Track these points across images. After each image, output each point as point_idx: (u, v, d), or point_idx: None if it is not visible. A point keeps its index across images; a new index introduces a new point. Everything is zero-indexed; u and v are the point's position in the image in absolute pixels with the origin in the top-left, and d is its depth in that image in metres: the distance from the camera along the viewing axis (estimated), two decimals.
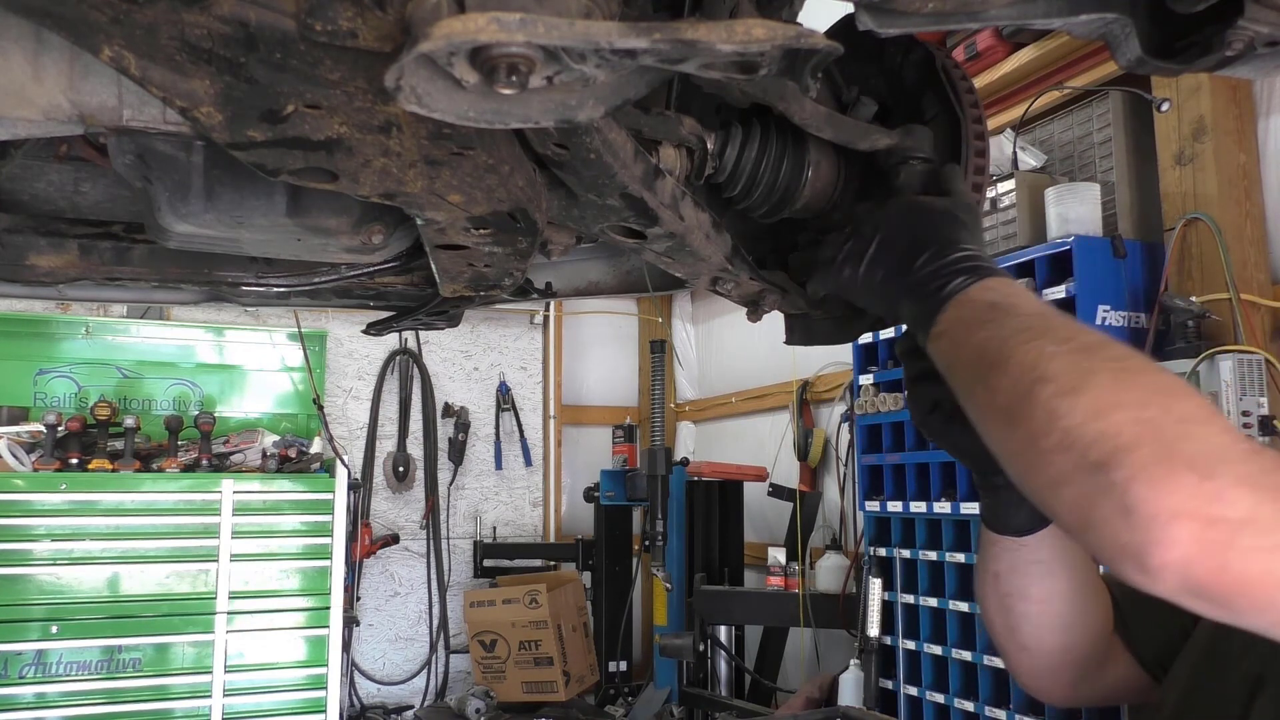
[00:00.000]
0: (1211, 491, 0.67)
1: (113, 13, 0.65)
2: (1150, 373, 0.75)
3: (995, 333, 0.84)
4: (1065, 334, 0.80)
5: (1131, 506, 0.68)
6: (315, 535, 4.23)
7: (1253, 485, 0.68)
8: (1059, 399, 0.74)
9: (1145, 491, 0.68)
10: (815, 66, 0.72)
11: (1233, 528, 0.66)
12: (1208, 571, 0.67)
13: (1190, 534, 0.67)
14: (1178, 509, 0.67)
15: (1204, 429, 0.71)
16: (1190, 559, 0.67)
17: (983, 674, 3.27)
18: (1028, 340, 0.80)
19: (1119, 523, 0.69)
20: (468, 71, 0.62)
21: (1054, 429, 0.74)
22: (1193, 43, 0.91)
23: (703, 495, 4.88)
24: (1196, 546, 0.67)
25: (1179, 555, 0.67)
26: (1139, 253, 3.07)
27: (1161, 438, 0.70)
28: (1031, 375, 0.77)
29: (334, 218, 1.11)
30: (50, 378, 4.62)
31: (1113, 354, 0.77)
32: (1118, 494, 0.69)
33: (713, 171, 1.13)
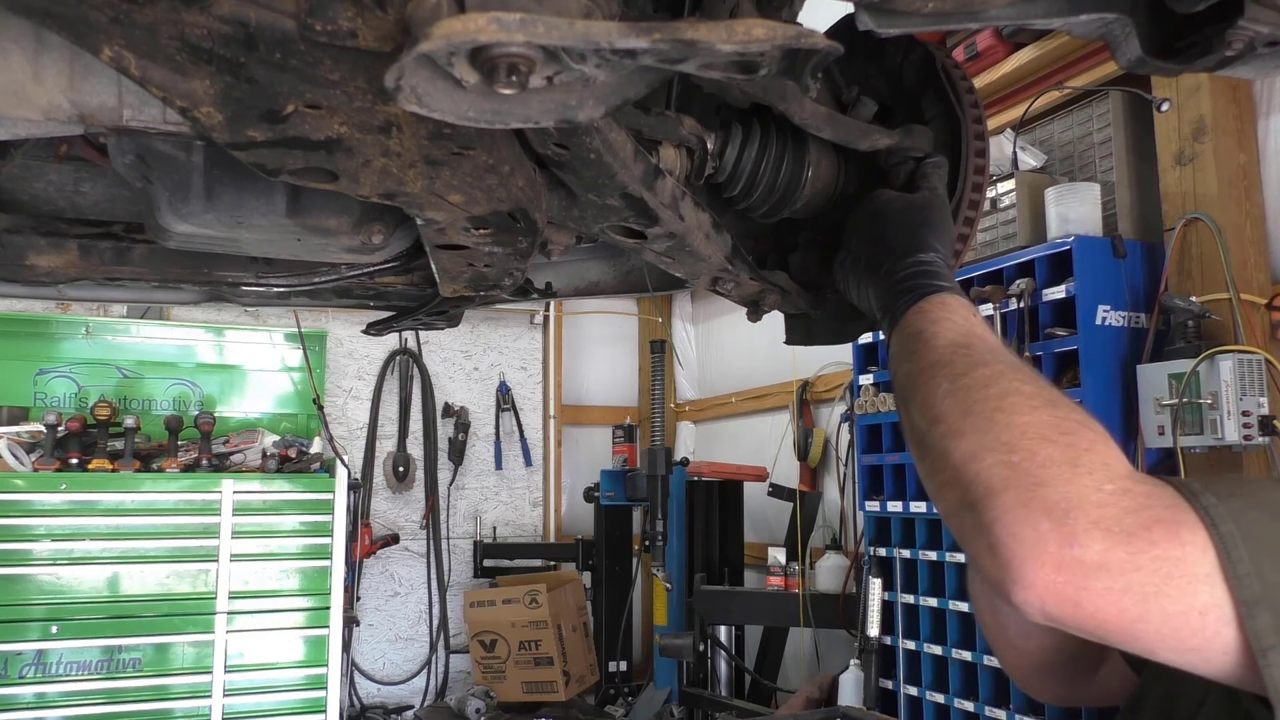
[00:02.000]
0: (1065, 536, 0.72)
1: (113, 13, 0.65)
2: (1024, 411, 0.79)
3: (913, 366, 0.90)
4: (961, 369, 0.85)
5: (995, 547, 0.75)
6: (315, 535, 4.23)
7: (1106, 529, 0.72)
8: (946, 439, 0.81)
9: (1005, 535, 0.74)
10: (815, 66, 0.72)
11: (1085, 570, 0.72)
12: (1063, 609, 0.73)
13: (1044, 576, 0.72)
14: (1032, 552, 0.72)
15: (1067, 472, 0.75)
16: (1045, 597, 0.73)
17: (983, 674, 3.27)
18: (931, 377, 0.87)
19: (988, 558, 0.76)
20: (468, 71, 0.62)
21: (945, 467, 0.81)
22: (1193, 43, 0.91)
23: (703, 495, 4.88)
24: (1050, 588, 0.72)
25: (1035, 594, 0.73)
26: (1139, 253, 3.07)
27: (1023, 483, 0.75)
28: (929, 414, 0.84)
29: (334, 218, 1.11)
30: (50, 378, 4.61)
31: (996, 391, 0.82)
32: (985, 534, 0.75)
33: (713, 171, 1.13)
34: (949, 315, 0.92)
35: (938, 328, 0.91)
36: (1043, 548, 0.72)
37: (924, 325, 0.92)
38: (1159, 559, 0.72)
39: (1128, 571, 0.71)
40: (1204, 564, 0.72)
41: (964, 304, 0.94)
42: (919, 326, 0.93)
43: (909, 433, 0.89)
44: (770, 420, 5.41)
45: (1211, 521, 0.74)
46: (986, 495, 0.76)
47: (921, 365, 0.88)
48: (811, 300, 1.27)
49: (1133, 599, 0.72)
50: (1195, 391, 2.73)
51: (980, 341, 0.89)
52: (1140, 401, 2.89)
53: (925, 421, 0.84)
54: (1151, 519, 0.73)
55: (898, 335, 0.95)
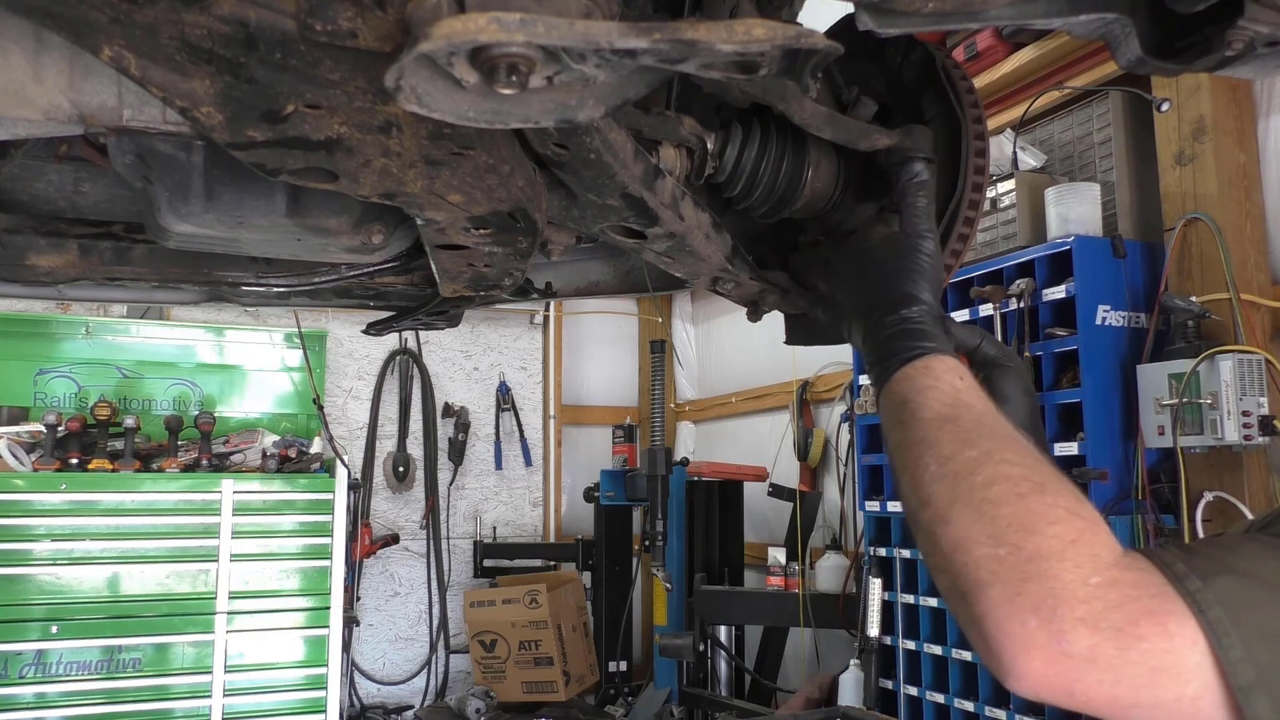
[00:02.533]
0: (1052, 633, 0.73)
1: (113, 13, 0.65)
2: (1010, 501, 0.80)
3: (901, 438, 0.90)
4: (948, 451, 0.85)
5: (985, 640, 0.76)
6: (315, 535, 4.23)
7: (1092, 625, 0.73)
8: (935, 526, 0.82)
9: (994, 630, 0.75)
10: (815, 66, 0.72)
11: (1075, 665, 0.73)
12: (1056, 698, 0.75)
13: (1035, 670, 0.74)
14: (1022, 648, 0.74)
15: (1054, 567, 0.75)
16: (1038, 688, 0.75)
17: (982, 674, 3.27)
18: (919, 456, 0.87)
19: (981, 646, 0.78)
20: (468, 71, 0.62)
21: (935, 550, 0.82)
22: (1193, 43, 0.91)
23: (703, 495, 4.88)
24: (1043, 679, 0.74)
25: (1029, 685, 0.75)
26: (1139, 253, 3.07)
27: (1010, 578, 0.76)
28: (918, 495, 0.85)
29: (334, 218, 1.11)
30: (50, 378, 4.61)
31: (983, 479, 0.82)
32: (977, 625, 0.77)
33: (713, 171, 1.13)
34: (934, 383, 0.91)
35: (923, 397, 0.90)
36: (1031, 644, 0.73)
37: (910, 394, 0.92)
38: (1147, 652, 0.73)
39: (1117, 666, 0.72)
40: (1194, 654, 0.73)
41: (951, 367, 0.93)
42: (905, 395, 0.92)
43: (903, 503, 0.90)
44: (770, 420, 5.41)
45: (1199, 609, 0.73)
46: (975, 588, 0.77)
47: (909, 440, 0.88)
48: (811, 300, 1.27)
49: (1124, 689, 0.73)
50: (1195, 391, 2.73)
51: (967, 412, 0.88)
52: (1140, 401, 2.89)
53: (916, 502, 0.85)
54: (1139, 611, 0.74)
55: (885, 400, 0.95)
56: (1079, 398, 2.92)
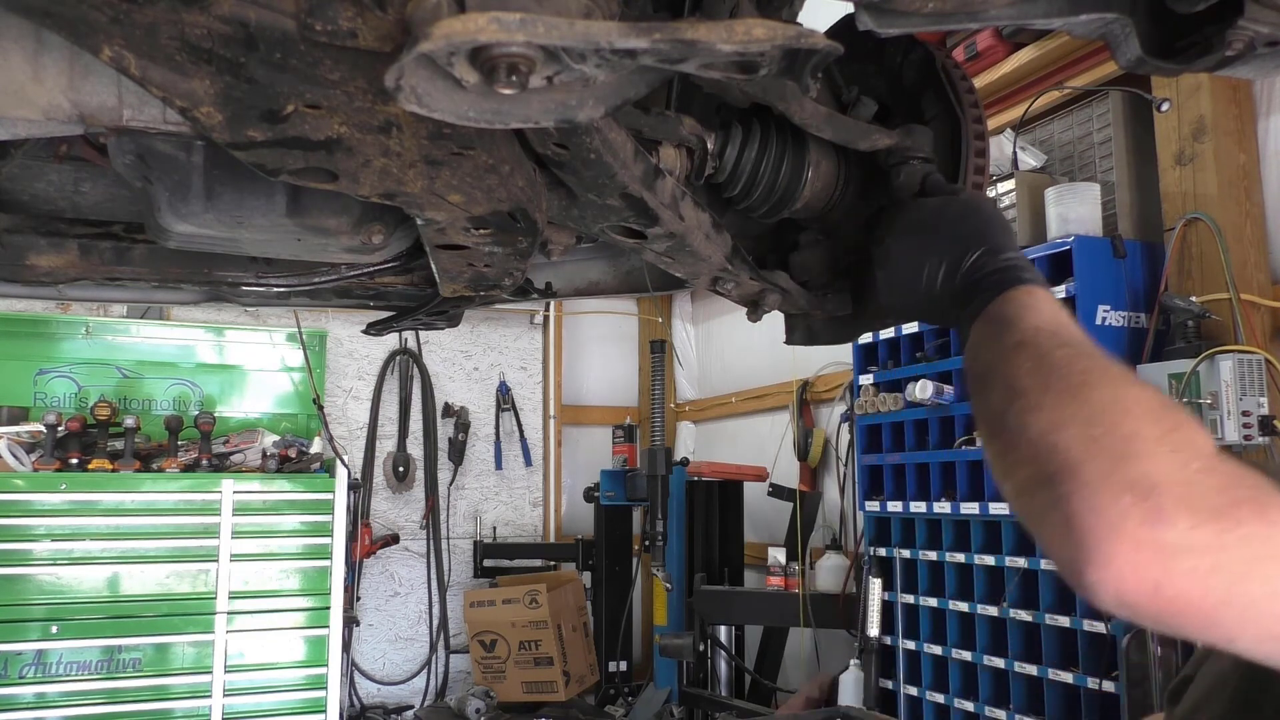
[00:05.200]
0: (1148, 512, 0.68)
1: (113, 13, 0.65)
2: (1108, 386, 0.77)
3: (995, 351, 0.87)
4: (1046, 349, 0.82)
5: (1071, 522, 0.70)
6: (315, 535, 4.23)
7: (1192, 508, 0.68)
8: (1024, 414, 0.78)
9: (1083, 509, 0.70)
10: (815, 66, 0.72)
11: (1169, 550, 0.67)
12: (1140, 592, 0.68)
13: (1123, 554, 0.68)
14: (1112, 529, 0.68)
15: (1151, 448, 0.71)
16: (1123, 578, 0.68)
17: (982, 674, 3.27)
18: (1014, 356, 0.83)
19: (1061, 536, 0.71)
20: (468, 71, 0.62)
21: (1020, 441, 0.77)
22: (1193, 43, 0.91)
23: (703, 495, 4.88)
24: (1129, 567, 0.68)
25: (1112, 574, 0.68)
26: (1139, 253, 3.07)
27: (1106, 456, 0.71)
28: (1009, 391, 0.81)
29: (334, 218, 1.11)
30: (50, 378, 4.61)
31: (1078, 368, 0.79)
32: (1060, 508, 0.71)
33: (713, 171, 1.13)
34: (1037, 304, 0.90)
35: (1025, 313, 0.89)
36: (1124, 524, 0.68)
37: (1011, 311, 0.90)
38: (1246, 538, 0.67)
39: (1214, 551, 0.67)
40: None
41: (1052, 297, 0.92)
42: (1006, 313, 0.90)
43: (984, 418, 0.85)
44: (770, 420, 5.41)
45: None
46: (1065, 468, 0.72)
47: (1005, 346, 0.86)
48: (811, 300, 1.27)
49: (1218, 581, 0.67)
50: (1195, 391, 2.73)
51: (1066, 329, 0.86)
52: None
53: (1004, 400, 0.81)
54: (1239, 498, 0.69)
55: (981, 323, 0.92)
56: None
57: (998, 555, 3.21)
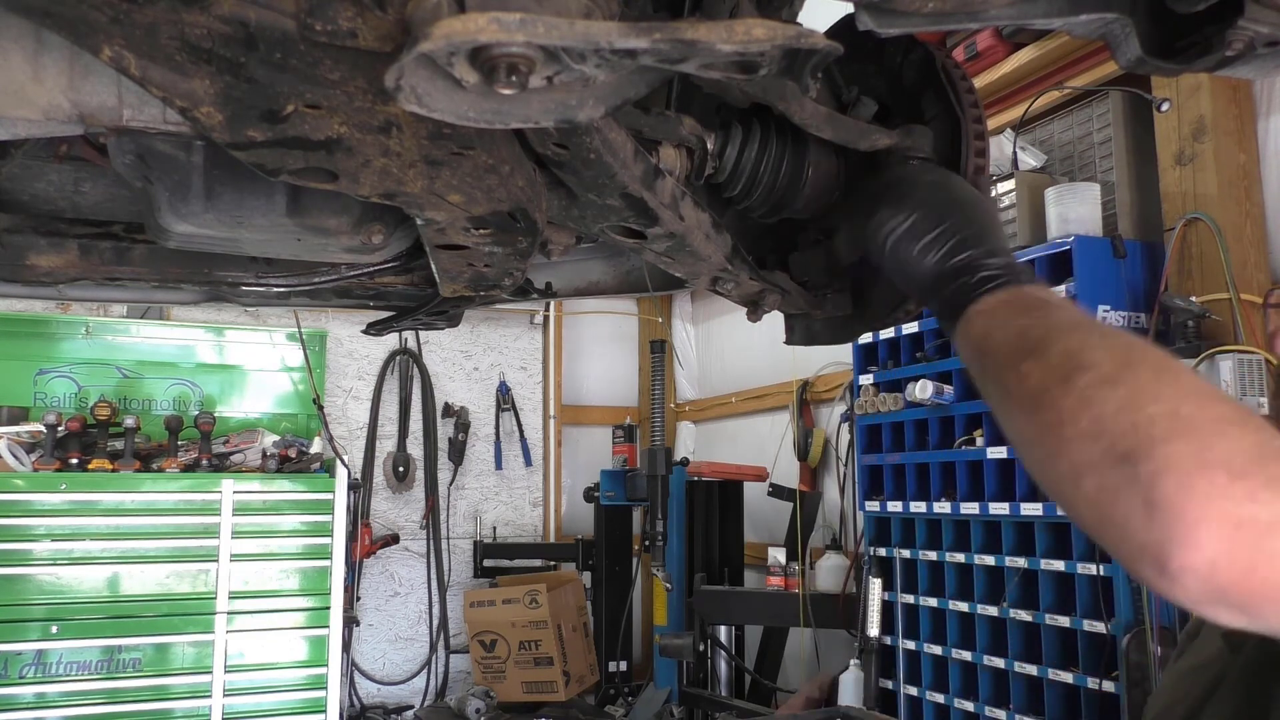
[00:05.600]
0: (1243, 491, 0.64)
1: (113, 13, 0.65)
2: (1189, 375, 0.74)
3: (1040, 321, 0.82)
4: (1110, 332, 0.79)
5: (1157, 502, 0.65)
6: (315, 535, 4.23)
7: None
8: (1095, 388, 0.72)
9: (1174, 487, 0.65)
10: (815, 66, 0.72)
11: (1263, 529, 0.64)
12: (1234, 575, 0.64)
13: (1218, 535, 0.64)
14: (1207, 508, 0.64)
15: (1239, 430, 0.68)
16: (1216, 561, 0.64)
17: (982, 674, 3.27)
18: (1071, 331, 0.79)
19: (1141, 518, 0.66)
20: (468, 71, 0.62)
21: (1084, 416, 0.71)
22: (1193, 43, 0.91)
23: (703, 495, 4.88)
24: (1224, 548, 0.64)
25: (1204, 557, 0.64)
26: (1139, 253, 3.07)
27: (1196, 434, 0.67)
28: (1071, 363, 0.75)
29: (334, 218, 1.11)
30: (50, 378, 4.61)
31: (1155, 354, 0.76)
32: (1143, 488, 0.66)
33: (713, 171, 1.13)
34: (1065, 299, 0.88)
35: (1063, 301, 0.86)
36: (1218, 503, 0.63)
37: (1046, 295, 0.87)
38: None
39: None
40: None
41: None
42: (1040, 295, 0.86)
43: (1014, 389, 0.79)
44: (770, 420, 5.41)
45: None
46: (1151, 443, 0.66)
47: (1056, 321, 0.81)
48: (811, 300, 1.27)
49: None
50: None
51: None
52: None
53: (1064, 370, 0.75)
54: None
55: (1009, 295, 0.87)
56: None
57: (998, 555, 3.21)
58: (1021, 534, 3.19)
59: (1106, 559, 2.84)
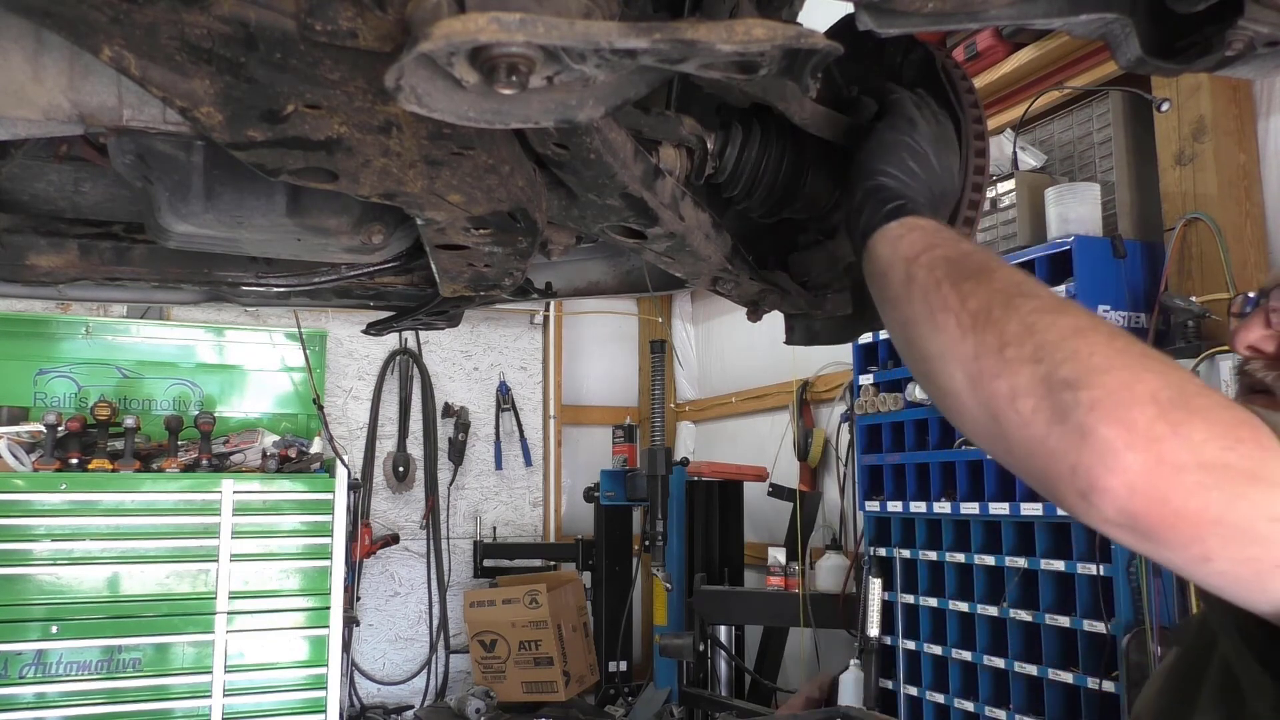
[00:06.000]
0: (1169, 426, 0.68)
1: (113, 13, 0.65)
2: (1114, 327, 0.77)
3: (979, 251, 0.85)
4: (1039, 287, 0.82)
5: (1090, 427, 0.68)
6: (315, 535, 4.23)
7: (1207, 419, 0.69)
8: (1039, 314, 0.75)
9: (1107, 415, 0.68)
10: (815, 66, 0.72)
11: (1180, 464, 0.67)
12: (1148, 502, 0.68)
13: (1141, 463, 0.67)
14: (1134, 437, 0.67)
15: (1165, 366, 0.72)
16: (1134, 486, 0.68)
17: (982, 674, 3.27)
18: (1012, 268, 0.82)
19: (1074, 441, 0.69)
20: (468, 71, 0.62)
21: (1029, 340, 0.74)
22: (1193, 43, 0.91)
23: (703, 495, 4.88)
24: (1144, 476, 0.67)
25: (1124, 482, 0.68)
26: (1139, 253, 3.07)
27: (1131, 365, 0.70)
28: (1016, 290, 0.78)
29: (334, 218, 1.11)
30: (50, 378, 4.61)
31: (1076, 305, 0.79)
32: (1080, 412, 0.69)
33: (713, 171, 1.13)
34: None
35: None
36: (1146, 432, 0.67)
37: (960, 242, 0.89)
38: (1246, 457, 0.69)
39: (1218, 467, 0.68)
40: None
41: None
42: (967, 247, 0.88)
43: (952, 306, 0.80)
44: (770, 420, 5.41)
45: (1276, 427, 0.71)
46: (1089, 372, 0.70)
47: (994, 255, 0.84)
48: (812, 300, 1.27)
49: (1217, 497, 0.68)
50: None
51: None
52: None
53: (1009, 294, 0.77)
54: (1240, 417, 0.71)
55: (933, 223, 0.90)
56: None
57: (998, 555, 3.21)
58: (1021, 534, 3.19)
59: (1107, 559, 2.84)
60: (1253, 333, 1.06)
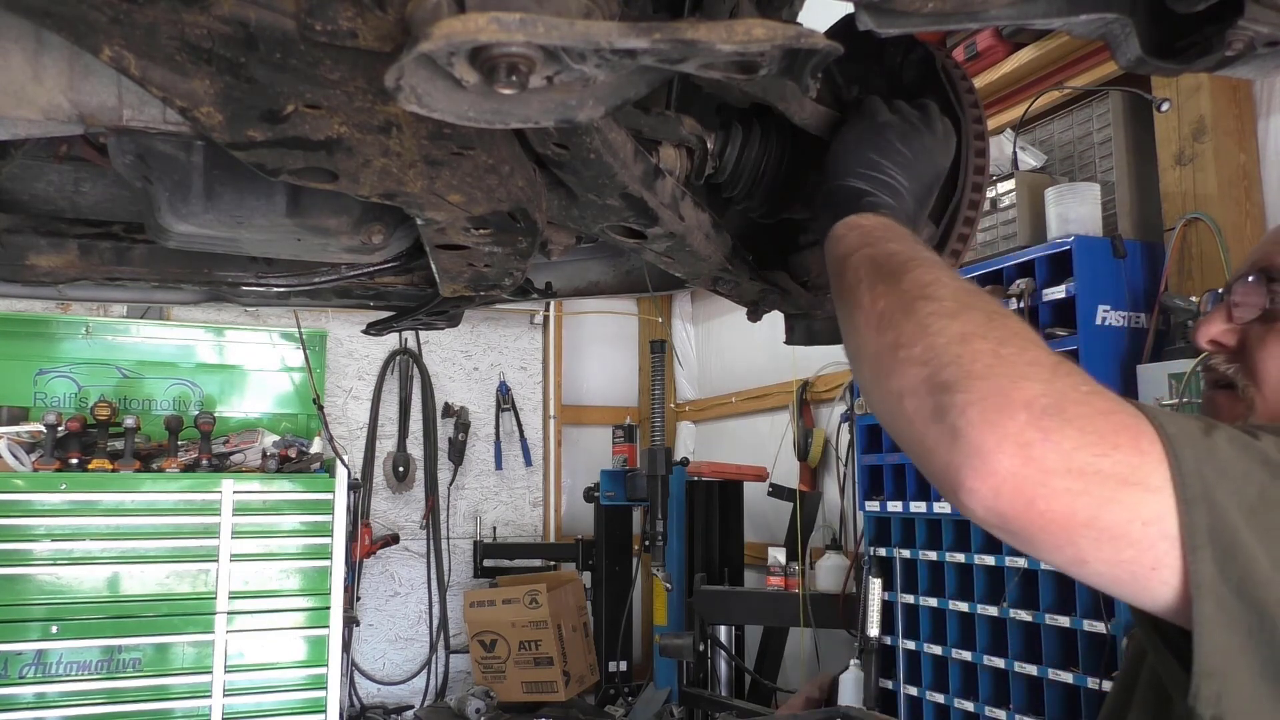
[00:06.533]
0: (1038, 432, 0.70)
1: (113, 13, 0.65)
2: (1018, 322, 0.80)
3: (903, 250, 0.88)
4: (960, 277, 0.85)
5: (961, 430, 0.71)
6: (315, 535, 4.23)
7: (1079, 428, 0.71)
8: (935, 318, 0.78)
9: (977, 419, 0.71)
10: (815, 66, 0.72)
11: (1047, 469, 0.70)
12: (1014, 505, 0.71)
13: (1007, 467, 0.70)
14: (1002, 441, 0.70)
15: (1050, 374, 0.74)
16: (1000, 490, 0.70)
17: (982, 674, 3.27)
18: (928, 266, 0.85)
19: (947, 442, 0.73)
20: (468, 71, 0.62)
21: (919, 343, 0.77)
22: (1193, 43, 0.91)
23: (703, 495, 4.88)
24: (1009, 480, 0.70)
25: (991, 485, 0.70)
26: (1139, 253, 3.07)
27: (1010, 374, 0.73)
28: (919, 292, 0.82)
29: (334, 218, 1.11)
30: (50, 378, 4.61)
31: (993, 301, 0.82)
32: (954, 415, 0.72)
33: (713, 171, 1.13)
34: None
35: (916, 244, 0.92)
36: (1015, 438, 0.70)
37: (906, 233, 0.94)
38: (1120, 463, 0.71)
39: (1089, 474, 0.70)
40: (1158, 475, 0.71)
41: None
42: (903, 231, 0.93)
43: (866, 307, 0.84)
44: (770, 420, 5.41)
45: (1164, 431, 0.73)
46: (967, 377, 0.73)
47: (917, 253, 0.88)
48: (812, 300, 1.27)
49: (1087, 501, 0.70)
50: (1195, 391, 2.73)
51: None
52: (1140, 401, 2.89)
53: (912, 297, 0.81)
54: (1119, 424, 0.73)
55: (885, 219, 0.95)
56: None
57: (998, 555, 3.21)
58: None
59: None
60: (1214, 327, 1.08)
